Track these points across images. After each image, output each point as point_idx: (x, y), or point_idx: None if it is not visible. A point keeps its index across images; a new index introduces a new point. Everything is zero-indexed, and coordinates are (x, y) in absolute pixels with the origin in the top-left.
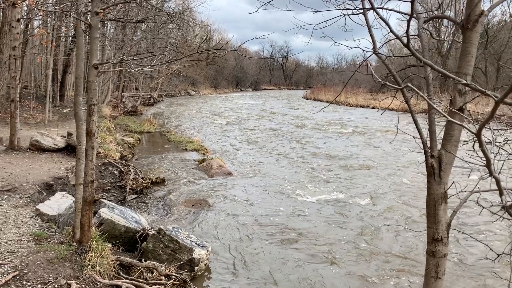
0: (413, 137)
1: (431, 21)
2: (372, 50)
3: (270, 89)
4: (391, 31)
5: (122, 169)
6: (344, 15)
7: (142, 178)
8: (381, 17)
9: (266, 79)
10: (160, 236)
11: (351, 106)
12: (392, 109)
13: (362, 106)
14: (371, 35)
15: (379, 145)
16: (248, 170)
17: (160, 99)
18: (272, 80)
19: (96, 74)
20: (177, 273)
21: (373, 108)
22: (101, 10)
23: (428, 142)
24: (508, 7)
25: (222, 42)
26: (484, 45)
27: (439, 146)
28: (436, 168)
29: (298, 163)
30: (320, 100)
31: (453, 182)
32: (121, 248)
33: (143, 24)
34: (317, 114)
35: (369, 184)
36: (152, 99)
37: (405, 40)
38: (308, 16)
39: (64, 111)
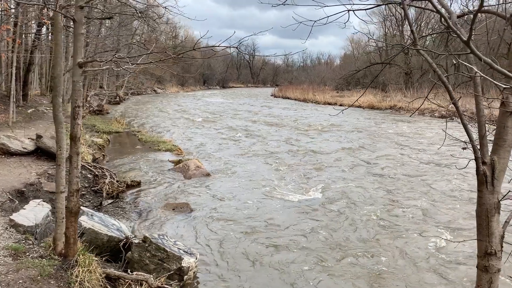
0: (464, 142)
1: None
2: (411, 44)
3: (237, 87)
4: (449, 26)
5: (96, 173)
6: (349, 10)
7: (117, 181)
8: (435, 9)
9: (233, 76)
10: (146, 245)
11: (319, 104)
12: (359, 106)
13: (330, 103)
14: (412, 31)
15: (351, 141)
16: (225, 170)
17: (126, 97)
18: (240, 78)
19: (81, 73)
20: (167, 285)
21: (340, 105)
22: (86, 4)
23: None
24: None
25: (189, 39)
26: (445, 42)
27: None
28: (488, 176)
29: (273, 161)
30: (288, 98)
31: (509, 191)
32: (103, 258)
33: (108, 20)
34: (287, 112)
35: (347, 180)
36: (118, 97)
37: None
38: (275, 14)
39: (28, 111)
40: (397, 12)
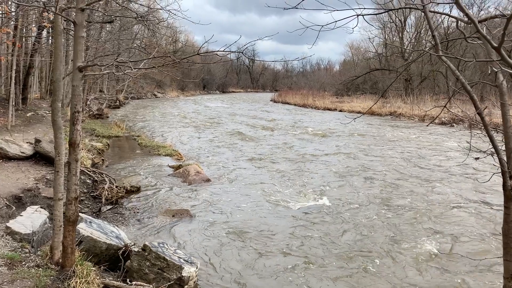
0: (491, 155)
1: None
2: (432, 49)
3: (237, 92)
4: (478, 30)
5: (96, 178)
6: (358, 15)
7: (116, 187)
8: (466, 14)
9: (233, 81)
10: (146, 254)
11: (318, 109)
12: (359, 112)
13: (329, 109)
14: (434, 36)
15: (350, 147)
16: (225, 175)
17: (126, 101)
18: (239, 82)
19: (81, 77)
20: None
21: (340, 111)
22: (87, 7)
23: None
24: None
25: (189, 43)
26: (445, 48)
27: None
28: None
29: (272, 166)
30: (288, 103)
31: None
32: (101, 267)
33: (108, 24)
34: (287, 117)
35: (350, 186)
36: (118, 101)
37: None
38: (274, 20)
39: (27, 115)
40: (397, 18)
